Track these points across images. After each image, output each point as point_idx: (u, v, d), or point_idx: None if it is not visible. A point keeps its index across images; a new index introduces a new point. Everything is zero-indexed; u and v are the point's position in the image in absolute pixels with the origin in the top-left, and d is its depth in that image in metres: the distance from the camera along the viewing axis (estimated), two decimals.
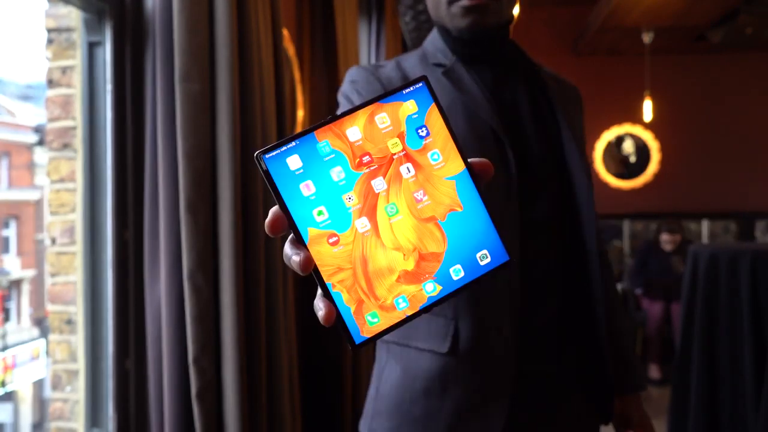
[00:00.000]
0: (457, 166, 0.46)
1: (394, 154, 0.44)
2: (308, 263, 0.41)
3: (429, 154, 0.45)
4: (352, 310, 0.43)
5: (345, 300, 0.43)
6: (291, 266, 0.42)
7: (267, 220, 0.42)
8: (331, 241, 0.43)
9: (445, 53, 0.96)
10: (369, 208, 0.44)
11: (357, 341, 0.43)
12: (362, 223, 0.43)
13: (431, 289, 0.44)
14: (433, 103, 0.46)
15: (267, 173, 0.42)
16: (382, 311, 0.43)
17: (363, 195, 0.43)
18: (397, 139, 0.45)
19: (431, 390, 0.88)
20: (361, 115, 0.44)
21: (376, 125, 0.44)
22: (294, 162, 0.42)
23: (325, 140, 0.43)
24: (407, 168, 0.45)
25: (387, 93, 0.45)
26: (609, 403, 0.94)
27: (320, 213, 0.43)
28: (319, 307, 0.42)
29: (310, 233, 0.42)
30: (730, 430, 2.20)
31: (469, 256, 0.45)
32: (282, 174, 0.42)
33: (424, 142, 0.45)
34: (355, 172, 0.43)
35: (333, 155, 0.43)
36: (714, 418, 2.27)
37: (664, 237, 4.49)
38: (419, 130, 0.45)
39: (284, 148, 0.42)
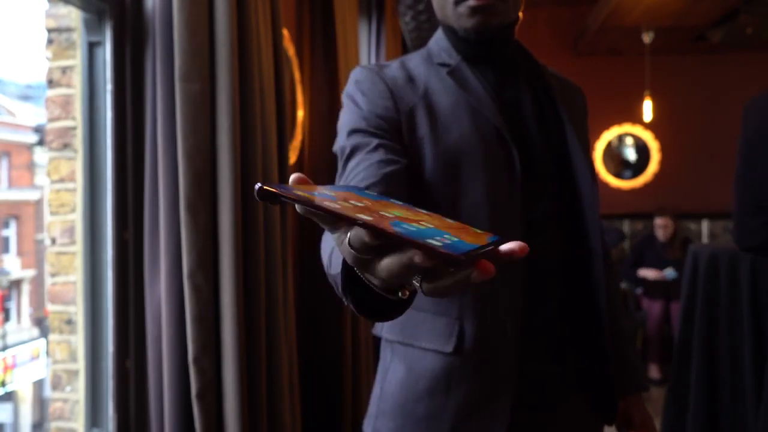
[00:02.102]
0: None
1: None
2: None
3: None
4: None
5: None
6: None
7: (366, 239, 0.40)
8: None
9: (449, 53, 0.95)
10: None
11: (494, 238, 0.43)
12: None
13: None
14: None
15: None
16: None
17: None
18: None
19: (435, 389, 0.88)
20: None
21: None
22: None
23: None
24: None
25: None
26: (612, 403, 0.94)
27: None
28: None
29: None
30: (729, 430, 2.20)
31: None
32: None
33: None
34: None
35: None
36: (713, 417, 2.26)
37: (658, 221, 4.53)
38: None
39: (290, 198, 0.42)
